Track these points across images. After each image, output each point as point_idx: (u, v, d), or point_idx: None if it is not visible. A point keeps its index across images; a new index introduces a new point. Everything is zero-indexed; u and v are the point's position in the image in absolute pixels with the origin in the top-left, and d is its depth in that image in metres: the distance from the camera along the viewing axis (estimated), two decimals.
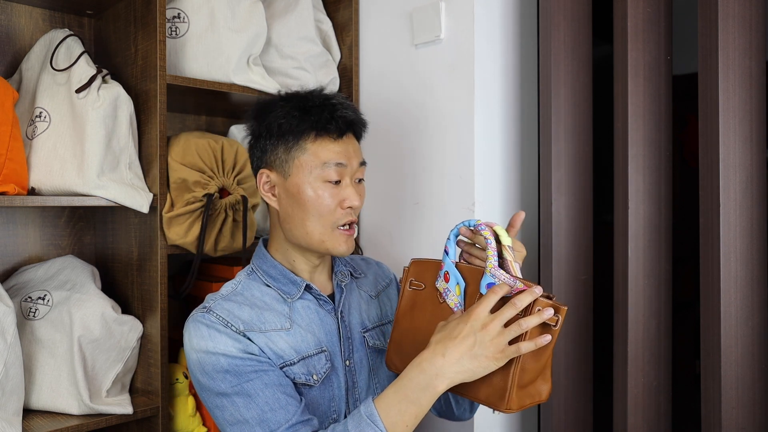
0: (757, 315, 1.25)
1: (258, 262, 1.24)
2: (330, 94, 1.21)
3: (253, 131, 1.22)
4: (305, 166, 1.15)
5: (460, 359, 0.97)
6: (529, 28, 1.66)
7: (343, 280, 1.27)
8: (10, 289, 1.47)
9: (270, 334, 1.14)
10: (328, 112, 1.16)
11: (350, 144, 1.18)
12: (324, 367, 1.17)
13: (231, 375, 1.08)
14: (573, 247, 1.50)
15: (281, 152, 1.17)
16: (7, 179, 1.30)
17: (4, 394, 1.26)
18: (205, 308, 1.15)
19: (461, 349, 0.97)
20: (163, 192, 1.45)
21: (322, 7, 1.81)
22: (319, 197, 1.15)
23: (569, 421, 1.51)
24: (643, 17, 1.39)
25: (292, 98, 1.19)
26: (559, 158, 1.50)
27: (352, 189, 1.16)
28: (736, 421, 1.24)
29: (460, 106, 1.55)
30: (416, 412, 1.00)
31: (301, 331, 1.17)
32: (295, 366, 1.13)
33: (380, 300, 1.32)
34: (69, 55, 1.44)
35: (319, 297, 1.22)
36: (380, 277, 1.37)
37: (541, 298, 0.98)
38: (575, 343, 1.51)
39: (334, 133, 1.16)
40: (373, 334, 1.26)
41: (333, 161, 1.15)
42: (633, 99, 1.39)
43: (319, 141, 1.15)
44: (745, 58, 1.25)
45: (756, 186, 1.25)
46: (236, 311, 1.15)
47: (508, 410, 0.98)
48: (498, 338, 0.96)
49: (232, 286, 1.21)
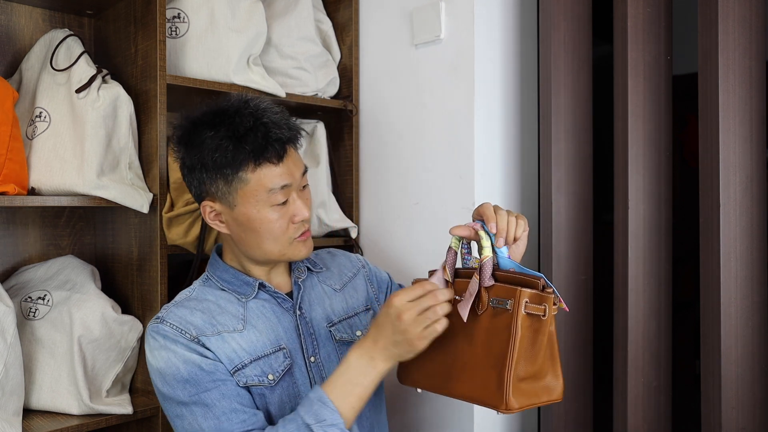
0: (757, 315, 1.25)
1: (212, 269, 1.25)
2: (257, 108, 1.13)
3: (184, 161, 1.17)
4: (250, 196, 1.13)
5: (386, 346, 1.05)
6: (529, 28, 1.66)
7: (300, 276, 1.27)
8: (10, 289, 1.47)
9: (223, 336, 1.14)
10: (262, 137, 1.11)
11: (290, 160, 1.15)
12: (282, 365, 1.17)
13: (190, 385, 1.09)
14: (573, 246, 1.50)
15: (221, 185, 1.14)
16: (7, 179, 1.30)
17: (4, 394, 1.26)
18: (158, 318, 1.15)
19: (384, 336, 1.04)
20: (163, 192, 1.45)
21: (322, 7, 1.81)
22: (270, 221, 1.14)
23: (569, 421, 1.51)
24: (643, 17, 1.39)
25: (218, 123, 1.12)
26: (559, 158, 1.50)
27: (299, 202, 1.16)
28: (736, 421, 1.25)
29: (460, 106, 1.55)
30: (360, 393, 1.06)
31: (255, 331, 1.17)
32: (247, 368, 1.13)
33: (345, 292, 1.32)
34: (69, 55, 1.44)
35: (275, 295, 1.22)
36: (346, 268, 1.36)
37: (525, 289, 0.99)
38: (575, 343, 1.51)
39: (274, 158, 1.12)
40: (339, 327, 1.26)
41: (278, 185, 1.13)
42: (633, 99, 1.39)
43: (260, 169, 1.12)
44: (745, 58, 1.25)
45: (756, 186, 1.25)
46: (188, 317, 1.15)
47: (507, 411, 0.98)
48: (413, 326, 1.01)
49: (187, 293, 1.22)
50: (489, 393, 1.00)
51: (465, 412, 1.53)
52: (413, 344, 1.02)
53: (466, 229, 1.07)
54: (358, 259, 1.40)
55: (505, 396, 0.98)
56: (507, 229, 1.06)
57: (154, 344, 1.13)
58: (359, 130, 1.79)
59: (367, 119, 1.78)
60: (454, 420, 1.55)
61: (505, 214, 1.07)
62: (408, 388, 1.63)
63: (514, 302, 0.99)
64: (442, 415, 1.57)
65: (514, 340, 0.98)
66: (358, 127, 1.79)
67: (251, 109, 1.13)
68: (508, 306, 1.00)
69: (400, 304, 1.02)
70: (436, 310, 1.02)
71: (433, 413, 1.59)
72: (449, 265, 1.09)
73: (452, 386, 1.05)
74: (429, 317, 1.01)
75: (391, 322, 1.02)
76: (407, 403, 1.64)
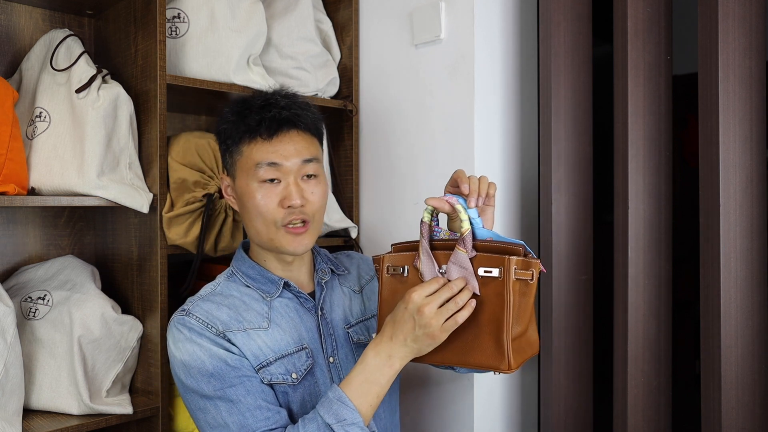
0: (757, 315, 1.25)
1: (237, 264, 1.26)
2: (273, 94, 1.22)
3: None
4: (243, 169, 1.19)
5: (405, 341, 1.05)
6: (529, 28, 1.66)
7: (324, 277, 1.28)
8: (10, 289, 1.47)
9: (249, 333, 1.15)
10: (259, 114, 1.17)
11: (289, 142, 1.18)
12: (305, 364, 1.17)
13: (215, 379, 1.10)
14: (573, 246, 1.50)
15: (227, 157, 1.23)
16: (7, 179, 1.30)
17: (4, 394, 1.26)
18: (184, 311, 1.16)
19: (404, 331, 1.04)
20: (163, 192, 1.45)
21: (322, 7, 1.81)
22: (255, 198, 1.17)
23: (569, 421, 1.51)
24: (643, 17, 1.39)
25: (239, 102, 1.22)
26: (559, 158, 1.50)
27: (293, 188, 1.17)
28: (736, 421, 1.25)
29: (460, 106, 1.55)
30: (378, 391, 1.07)
31: (279, 330, 1.18)
32: (272, 366, 1.14)
33: (364, 294, 1.33)
34: (69, 55, 1.44)
35: (299, 295, 1.23)
36: (364, 271, 1.37)
37: (512, 257, 1.03)
38: (575, 343, 1.51)
39: (264, 133, 1.17)
40: (357, 329, 1.27)
41: (265, 161, 1.17)
42: (633, 99, 1.39)
43: (252, 143, 1.18)
44: (745, 58, 1.25)
45: (756, 186, 1.25)
46: (215, 312, 1.16)
47: (510, 370, 1.04)
48: (435, 318, 1.02)
49: (212, 287, 1.22)
50: (488, 356, 1.05)
51: (465, 412, 1.53)
52: (435, 337, 1.03)
53: (442, 202, 1.08)
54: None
55: (507, 357, 1.03)
56: (479, 189, 1.09)
57: (179, 336, 1.13)
58: (359, 130, 1.79)
59: (367, 119, 1.78)
60: (454, 420, 1.55)
61: (475, 177, 1.11)
62: (407, 388, 1.64)
63: (504, 270, 1.03)
64: (442, 415, 1.58)
65: (508, 306, 1.03)
66: (358, 127, 1.79)
67: (270, 93, 1.22)
68: (496, 274, 1.04)
69: (419, 299, 1.03)
70: (456, 301, 1.03)
71: (433, 413, 1.59)
72: (425, 239, 1.11)
73: (449, 356, 1.08)
74: (450, 309, 1.03)
75: (411, 316, 1.03)
76: (407, 402, 1.64)
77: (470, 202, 1.09)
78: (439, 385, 1.58)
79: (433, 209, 1.11)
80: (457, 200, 1.08)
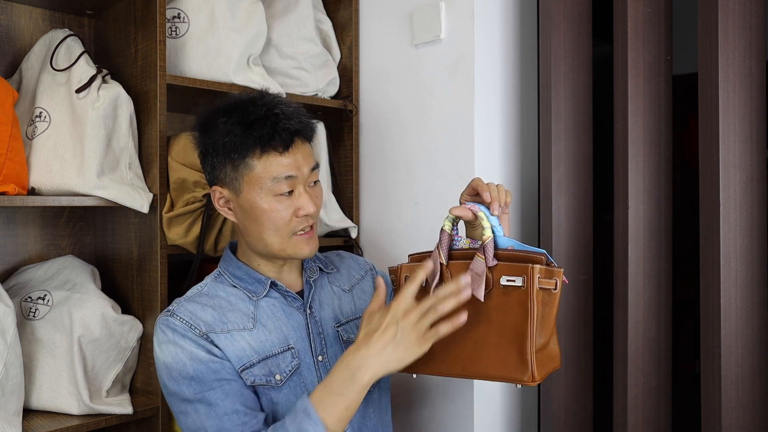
0: (757, 315, 1.25)
1: (224, 265, 1.25)
2: (272, 101, 1.17)
3: (199, 147, 1.21)
4: (255, 183, 1.15)
5: (385, 349, 1.02)
6: (529, 28, 1.66)
7: (312, 275, 1.27)
8: (10, 289, 1.47)
9: (232, 334, 1.15)
10: (271, 125, 1.13)
11: (299, 152, 1.16)
12: (290, 365, 1.17)
13: (195, 382, 1.09)
14: (573, 246, 1.50)
15: (229, 170, 1.16)
16: (7, 179, 1.30)
17: (4, 394, 1.26)
18: (168, 311, 1.16)
19: (385, 338, 1.02)
20: (163, 192, 1.45)
21: (322, 7, 1.81)
22: (273, 211, 1.15)
23: (569, 421, 1.51)
24: (643, 17, 1.39)
25: (233, 111, 1.16)
26: (559, 158, 1.50)
27: (305, 197, 1.16)
28: (736, 421, 1.25)
29: (460, 106, 1.55)
30: (345, 404, 1.03)
31: (264, 330, 1.17)
32: (255, 367, 1.14)
33: (353, 294, 1.32)
34: (69, 55, 1.44)
35: (286, 294, 1.22)
36: (354, 270, 1.36)
37: (536, 266, 1.01)
38: (575, 343, 1.51)
39: (280, 146, 1.14)
40: (347, 328, 1.26)
41: (282, 175, 1.14)
42: (633, 99, 1.39)
43: (266, 157, 1.14)
44: (745, 58, 1.25)
45: (756, 186, 1.25)
46: (199, 312, 1.15)
47: (533, 382, 1.01)
48: (418, 324, 1.01)
49: (198, 288, 1.22)
50: (510, 368, 1.02)
51: (465, 412, 1.53)
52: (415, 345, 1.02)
53: (465, 210, 1.08)
54: (366, 261, 1.41)
55: (531, 369, 1.00)
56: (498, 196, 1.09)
57: (162, 337, 1.13)
58: (359, 130, 1.79)
59: (367, 119, 1.78)
60: (453, 419, 1.55)
61: (494, 185, 1.10)
62: (407, 389, 1.64)
63: (528, 279, 1.01)
64: (442, 415, 1.57)
65: (532, 315, 1.01)
66: (358, 127, 1.79)
67: (265, 100, 1.17)
68: (519, 283, 1.02)
69: (405, 303, 1.02)
70: (436, 308, 1.01)
71: (432, 413, 1.59)
72: (444, 248, 1.10)
73: (470, 368, 1.05)
74: (430, 317, 1.01)
75: (396, 321, 1.02)
76: (406, 402, 1.64)
77: (493, 209, 1.07)
78: (438, 384, 1.58)
79: (454, 218, 1.10)
80: (479, 208, 1.08)
